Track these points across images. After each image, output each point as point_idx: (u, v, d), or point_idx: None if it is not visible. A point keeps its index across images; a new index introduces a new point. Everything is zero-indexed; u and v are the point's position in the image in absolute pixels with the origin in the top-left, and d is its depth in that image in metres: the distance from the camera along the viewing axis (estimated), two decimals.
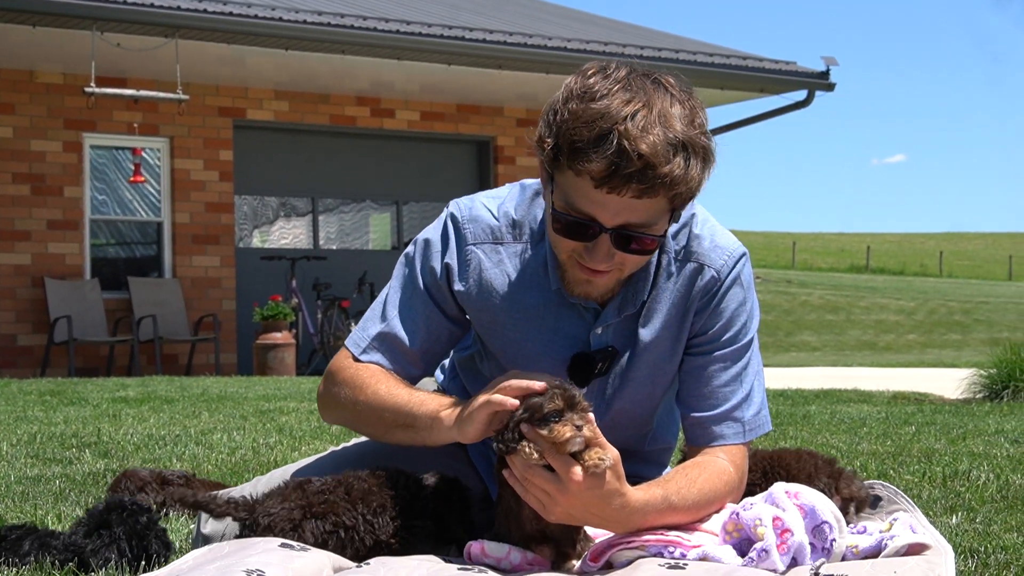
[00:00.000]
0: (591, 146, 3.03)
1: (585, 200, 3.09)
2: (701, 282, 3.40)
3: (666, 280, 3.40)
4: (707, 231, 3.43)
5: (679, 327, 3.42)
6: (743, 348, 3.44)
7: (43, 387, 11.39)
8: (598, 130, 3.02)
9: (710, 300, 3.40)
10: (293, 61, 17.74)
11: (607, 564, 3.11)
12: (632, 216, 3.09)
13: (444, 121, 20.73)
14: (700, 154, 3.09)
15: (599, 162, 3.02)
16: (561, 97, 3.14)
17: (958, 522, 4.03)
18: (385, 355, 3.43)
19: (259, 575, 2.80)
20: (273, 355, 16.75)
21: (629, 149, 2.99)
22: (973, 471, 5.37)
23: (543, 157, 3.17)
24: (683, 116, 3.08)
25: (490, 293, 3.41)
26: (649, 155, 2.99)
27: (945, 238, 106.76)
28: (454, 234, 3.42)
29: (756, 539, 3.10)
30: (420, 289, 3.44)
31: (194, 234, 18.83)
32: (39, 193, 17.75)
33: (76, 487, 4.91)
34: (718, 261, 3.41)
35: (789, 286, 48.42)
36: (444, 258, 3.41)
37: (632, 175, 3.01)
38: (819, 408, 9.30)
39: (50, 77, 17.84)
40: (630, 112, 3.03)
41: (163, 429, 7.36)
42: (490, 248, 3.39)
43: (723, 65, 19.87)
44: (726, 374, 3.42)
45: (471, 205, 3.45)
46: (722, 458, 3.38)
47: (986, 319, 42.11)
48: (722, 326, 3.42)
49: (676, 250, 3.41)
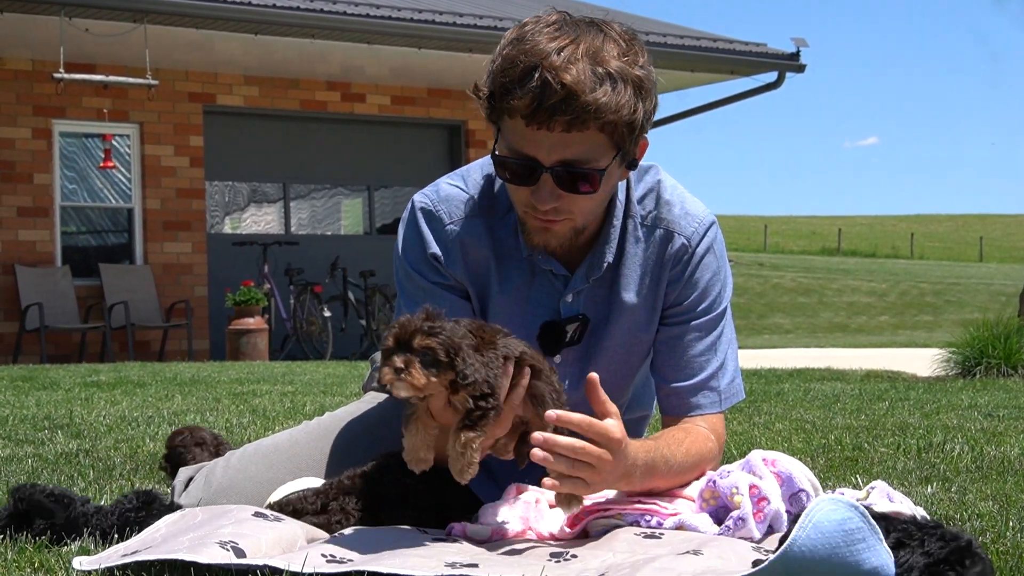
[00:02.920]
0: (517, 84, 3.04)
1: (521, 140, 3.10)
2: (671, 249, 3.38)
3: (634, 245, 3.38)
4: (676, 197, 3.41)
5: (654, 296, 3.41)
6: (717, 317, 3.43)
7: (15, 373, 11.34)
8: (524, 68, 3.04)
9: (683, 270, 3.39)
10: (262, 46, 17.68)
11: (583, 532, 3.10)
12: (567, 152, 3.08)
13: (415, 105, 20.70)
14: (632, 82, 3.07)
15: (524, 97, 3.02)
16: (498, 47, 3.17)
17: (933, 491, 4.04)
18: None
19: (232, 546, 2.78)
20: (246, 340, 16.71)
21: (552, 80, 2.99)
22: (947, 443, 5.39)
23: (483, 108, 3.19)
24: (615, 51, 3.08)
25: (478, 269, 3.39)
26: (571, 84, 2.98)
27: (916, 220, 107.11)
28: (426, 223, 3.37)
29: (733, 507, 3.09)
30: (431, 288, 3.38)
31: (165, 220, 18.77)
32: (8, 180, 17.66)
33: (48, 466, 4.88)
34: (688, 228, 3.39)
35: (761, 269, 48.51)
36: (429, 249, 3.36)
37: (556, 106, 3.00)
38: (792, 386, 9.32)
39: (18, 63, 17.75)
40: (556, 47, 3.04)
41: (136, 411, 7.32)
42: (469, 223, 3.36)
43: (693, 47, 19.87)
44: (701, 344, 3.41)
45: (436, 188, 3.43)
46: (702, 425, 3.38)
47: (957, 300, 42.27)
48: (697, 296, 3.41)
49: (643, 215, 3.39)
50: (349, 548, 2.85)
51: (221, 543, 2.78)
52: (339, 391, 8.93)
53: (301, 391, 8.96)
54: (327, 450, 3.62)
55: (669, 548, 2.83)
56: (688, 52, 19.64)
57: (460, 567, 2.68)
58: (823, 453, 5.13)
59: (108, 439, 5.91)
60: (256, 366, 13.28)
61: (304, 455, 3.61)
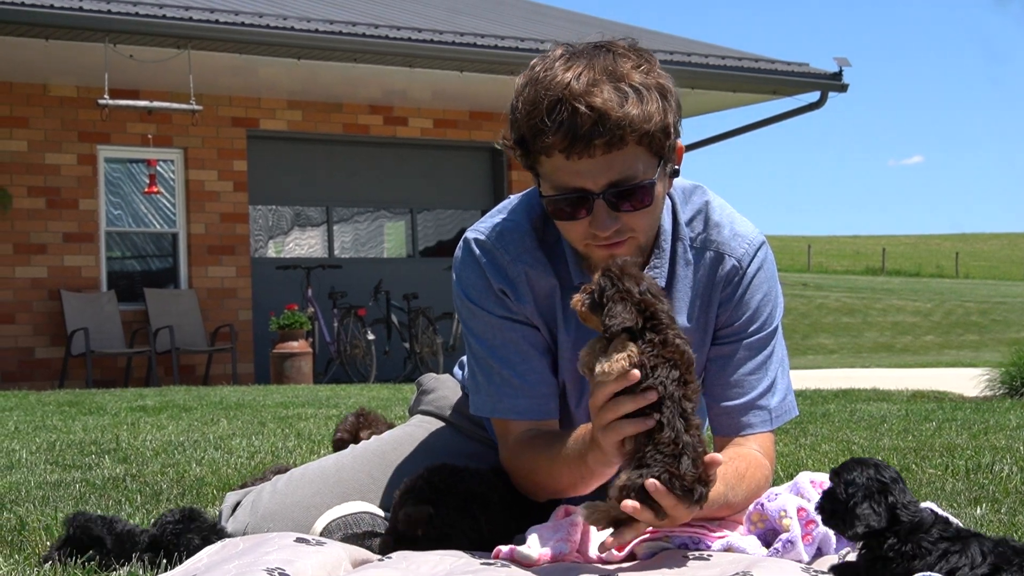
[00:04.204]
0: (545, 123, 3.04)
1: (565, 175, 3.09)
2: (722, 271, 3.37)
3: (684, 268, 3.37)
4: (725, 218, 3.40)
5: (705, 318, 3.40)
6: (768, 336, 3.42)
7: (61, 398, 11.40)
8: (548, 104, 3.04)
9: (735, 291, 3.38)
10: (305, 70, 17.75)
11: (631, 555, 3.09)
12: (614, 173, 3.07)
13: (457, 128, 20.73)
14: (654, 90, 3.07)
15: (557, 133, 3.02)
16: (514, 95, 3.17)
17: (983, 513, 4.00)
18: (525, 406, 3.36)
19: (280, 572, 2.78)
20: (290, 364, 16.75)
21: (579, 109, 2.99)
22: (996, 464, 5.35)
23: (517, 157, 3.18)
24: (629, 65, 3.08)
25: (546, 301, 3.36)
26: (600, 105, 2.99)
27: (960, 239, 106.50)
28: (486, 258, 3.34)
29: (782, 530, 3.08)
30: (500, 323, 3.34)
31: (209, 245, 18.85)
32: (54, 206, 17.78)
33: (96, 491, 4.90)
34: (738, 250, 3.38)
35: (805, 289, 48.35)
36: (495, 284, 3.33)
37: (591, 132, 3.00)
38: (838, 407, 9.27)
39: (64, 90, 17.87)
40: (574, 76, 3.04)
41: (182, 435, 7.35)
42: (532, 256, 3.33)
43: (735, 68, 19.83)
44: (751, 363, 3.40)
45: (488, 226, 3.39)
46: (755, 448, 3.36)
47: (1003, 319, 42.01)
48: (748, 317, 3.40)
49: (692, 237, 3.38)
50: (397, 571, 2.85)
51: (268, 570, 2.78)
52: (384, 413, 8.90)
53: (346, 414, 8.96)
54: (374, 474, 3.62)
55: (718, 570, 2.82)
56: (730, 72, 19.59)
57: None
58: None
59: (155, 463, 5.94)
60: (300, 389, 13.30)
61: (351, 480, 3.60)
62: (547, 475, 3.24)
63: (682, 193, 3.40)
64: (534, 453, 3.26)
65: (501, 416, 3.37)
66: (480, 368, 3.39)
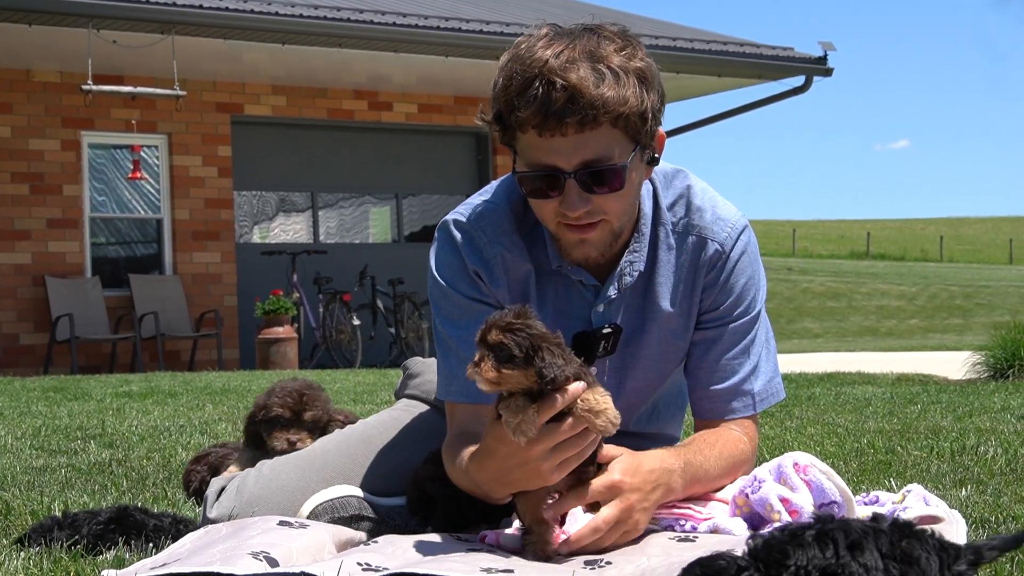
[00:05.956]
0: (521, 97, 3.03)
1: (537, 152, 3.08)
2: (705, 256, 3.36)
3: (666, 252, 3.36)
4: (707, 202, 3.39)
5: (689, 303, 3.39)
6: (751, 321, 3.42)
7: (46, 384, 11.38)
8: (524, 79, 3.03)
9: (718, 275, 3.37)
10: (290, 55, 17.71)
11: None
12: (586, 153, 3.05)
13: (442, 113, 20.71)
14: (634, 73, 3.06)
15: (530, 107, 3.01)
16: (497, 71, 3.16)
17: (968, 494, 4.01)
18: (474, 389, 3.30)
19: (265, 556, 2.78)
20: (276, 350, 16.74)
21: (554, 85, 2.98)
22: (981, 446, 5.36)
23: (495, 132, 3.17)
24: (612, 48, 3.06)
25: (520, 286, 3.35)
26: (575, 83, 2.97)
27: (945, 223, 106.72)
28: (464, 241, 3.33)
29: (769, 520, 3.09)
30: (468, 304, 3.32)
31: (194, 230, 18.82)
32: (38, 192, 17.74)
33: (82, 476, 4.90)
34: (721, 234, 3.37)
35: (790, 273, 48.40)
36: (471, 266, 3.31)
37: (563, 110, 2.98)
38: (823, 390, 9.29)
39: (47, 75, 17.83)
40: (552, 54, 3.03)
41: (167, 421, 7.34)
42: (509, 239, 3.32)
43: (719, 52, 19.82)
44: (735, 348, 3.40)
45: (468, 208, 3.38)
46: (734, 429, 3.37)
47: (988, 303, 42.10)
48: (732, 302, 3.39)
49: (674, 222, 3.37)
50: (384, 555, 2.85)
51: (254, 553, 2.78)
52: (369, 399, 8.93)
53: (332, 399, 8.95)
54: (359, 458, 3.62)
55: (703, 551, 2.82)
56: (714, 57, 19.58)
57: (496, 572, 2.68)
58: (856, 457, 5.11)
59: (140, 449, 5.93)
60: (286, 375, 13.29)
61: (336, 464, 3.60)
62: (455, 475, 3.18)
63: (663, 178, 3.39)
64: (458, 449, 3.17)
65: (451, 399, 3.33)
66: (443, 352, 3.37)
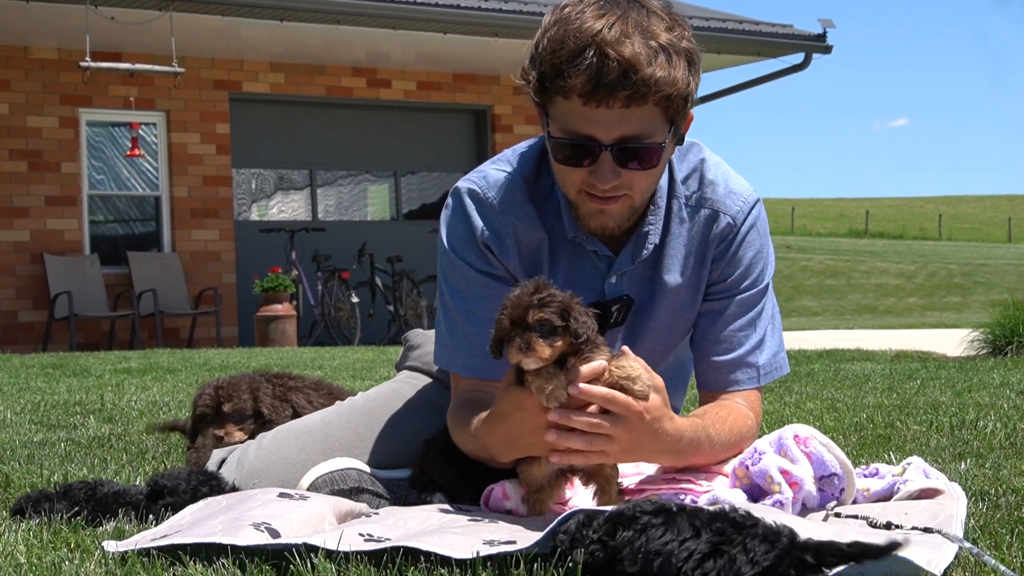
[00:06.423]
0: (571, 63, 3.01)
1: (578, 120, 3.06)
2: (717, 229, 3.37)
3: (679, 226, 3.37)
4: (720, 176, 3.40)
5: (698, 275, 3.40)
6: (759, 294, 3.43)
7: (45, 361, 11.38)
8: (576, 46, 3.01)
9: (727, 247, 3.39)
10: (288, 32, 17.67)
11: None
12: (627, 128, 3.05)
13: (441, 91, 20.68)
14: (683, 55, 3.06)
15: (581, 76, 2.99)
16: (539, 32, 3.13)
17: (967, 468, 4.01)
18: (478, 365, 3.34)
19: (267, 527, 2.78)
20: (274, 327, 16.74)
21: (608, 57, 2.97)
22: (980, 420, 5.37)
23: (531, 91, 3.15)
24: (662, 26, 3.06)
25: (532, 255, 3.36)
26: (629, 58, 2.97)
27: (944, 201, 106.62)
28: (476, 209, 3.33)
29: (769, 492, 3.09)
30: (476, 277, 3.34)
31: (192, 208, 18.80)
32: (36, 169, 17.71)
33: (82, 450, 4.89)
34: (733, 207, 3.38)
35: (789, 252, 48.41)
36: (481, 236, 3.32)
37: (616, 83, 2.98)
38: (822, 366, 9.29)
39: (45, 52, 17.79)
40: (606, 24, 3.01)
41: (166, 396, 7.34)
42: (521, 208, 3.33)
43: (719, 29, 19.79)
44: (741, 320, 3.41)
45: (483, 174, 3.38)
46: (740, 403, 3.38)
47: (986, 281, 42.12)
48: (740, 274, 3.41)
49: (687, 195, 3.38)
50: (385, 526, 2.85)
51: (255, 524, 2.78)
52: (368, 375, 8.93)
53: (330, 376, 8.96)
54: (360, 431, 3.62)
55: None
56: (714, 34, 19.54)
57: (498, 544, 2.67)
58: (855, 431, 5.11)
59: (140, 423, 5.93)
60: (285, 352, 13.30)
61: (337, 436, 3.61)
62: (462, 439, 3.23)
63: (678, 151, 3.39)
64: (467, 415, 3.22)
65: (455, 371, 3.39)
66: (446, 320, 3.40)
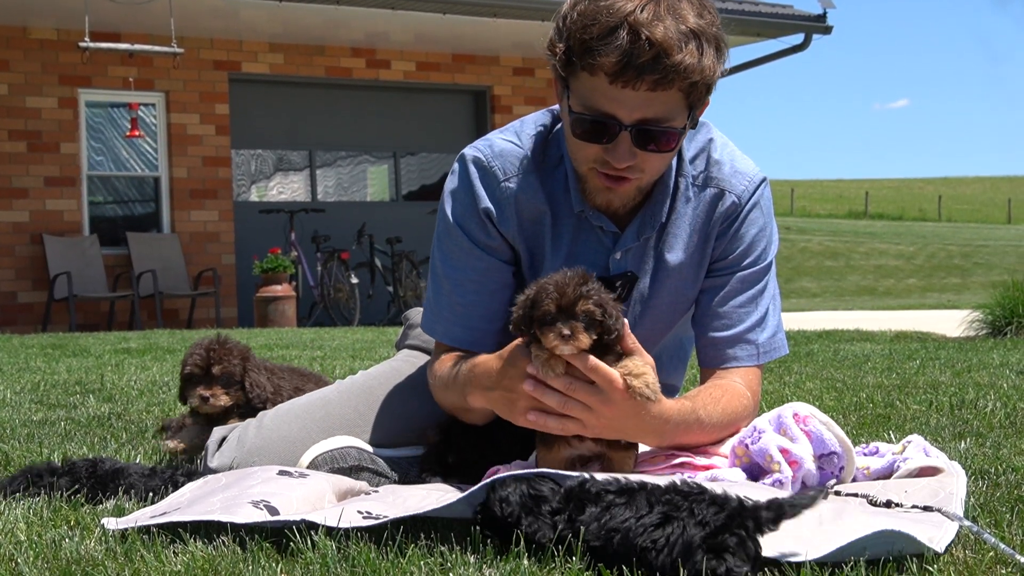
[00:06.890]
0: (601, 41, 3.00)
1: (602, 98, 3.06)
2: (722, 208, 3.38)
3: (684, 204, 3.38)
4: (726, 156, 3.41)
5: (701, 253, 3.41)
6: (760, 272, 3.44)
7: (44, 341, 11.38)
8: (607, 24, 2.99)
9: (731, 225, 3.40)
10: (287, 13, 17.64)
11: None
12: (649, 111, 3.05)
13: (440, 71, 20.64)
14: (713, 43, 3.08)
15: (611, 55, 2.99)
16: (567, 5, 3.12)
17: (967, 447, 4.02)
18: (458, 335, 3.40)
19: (266, 504, 2.78)
20: (274, 307, 16.74)
21: (641, 38, 2.96)
22: (980, 400, 5.37)
23: (556, 63, 3.14)
24: (693, 10, 3.06)
25: (533, 227, 3.36)
26: (661, 42, 2.96)
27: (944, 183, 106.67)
28: (480, 177, 3.34)
29: (769, 471, 3.09)
30: (471, 248, 3.36)
31: (192, 189, 18.78)
32: (36, 150, 17.69)
33: (81, 429, 4.90)
34: (739, 187, 3.39)
35: (788, 233, 48.41)
36: (481, 204, 3.33)
37: (645, 65, 2.97)
38: (822, 347, 9.29)
39: (44, 33, 17.75)
40: (638, 4, 3.00)
41: (166, 376, 7.34)
42: (524, 180, 3.33)
43: (719, 10, 19.54)
44: (742, 296, 3.42)
45: (489, 143, 3.39)
46: (738, 381, 3.37)
47: (985, 262, 42.11)
48: (742, 251, 3.41)
49: (694, 175, 3.38)
50: (384, 503, 2.85)
51: (254, 502, 2.79)
52: (368, 356, 8.93)
53: (330, 356, 8.97)
54: (360, 409, 3.62)
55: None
56: None
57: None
58: (855, 411, 5.11)
59: (139, 403, 5.93)
60: (285, 333, 13.30)
61: (337, 414, 3.61)
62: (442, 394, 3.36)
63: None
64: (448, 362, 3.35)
65: (436, 337, 3.45)
66: (435, 286, 3.44)
